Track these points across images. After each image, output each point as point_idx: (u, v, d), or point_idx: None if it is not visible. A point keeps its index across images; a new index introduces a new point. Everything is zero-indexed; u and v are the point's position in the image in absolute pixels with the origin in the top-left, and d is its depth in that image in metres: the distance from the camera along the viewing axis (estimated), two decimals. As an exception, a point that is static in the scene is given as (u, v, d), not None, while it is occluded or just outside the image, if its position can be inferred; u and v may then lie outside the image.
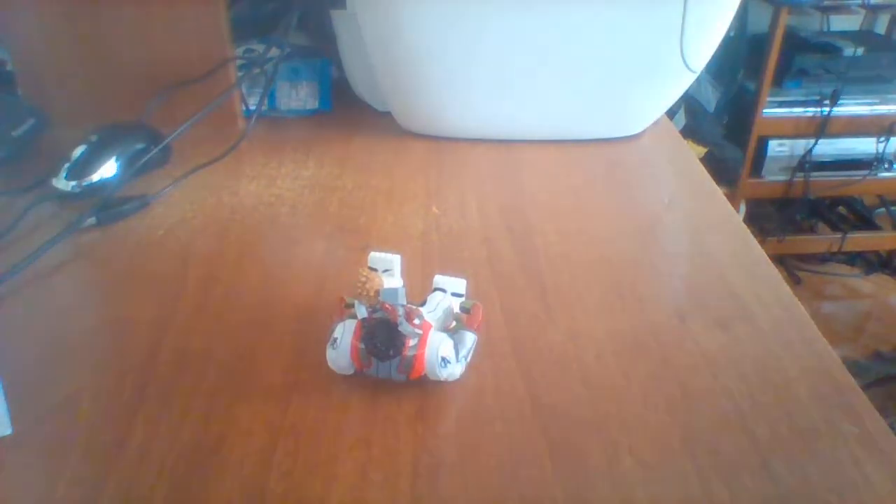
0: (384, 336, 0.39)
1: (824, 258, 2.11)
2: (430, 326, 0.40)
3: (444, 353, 0.40)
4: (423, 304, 0.44)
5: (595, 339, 0.45)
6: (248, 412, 0.40)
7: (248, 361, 0.43)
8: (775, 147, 1.88)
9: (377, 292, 0.41)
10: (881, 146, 1.88)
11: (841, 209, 2.16)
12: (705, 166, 0.72)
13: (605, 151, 0.75)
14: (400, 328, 0.39)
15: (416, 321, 0.40)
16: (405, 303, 0.40)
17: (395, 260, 0.46)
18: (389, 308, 0.39)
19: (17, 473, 0.36)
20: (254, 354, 0.44)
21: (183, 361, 0.43)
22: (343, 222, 0.60)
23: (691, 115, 1.90)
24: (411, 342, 0.39)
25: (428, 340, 0.40)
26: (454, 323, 0.44)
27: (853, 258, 2.13)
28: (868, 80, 1.85)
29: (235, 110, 0.78)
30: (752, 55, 1.84)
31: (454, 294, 0.45)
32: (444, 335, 0.40)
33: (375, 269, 0.45)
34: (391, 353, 0.39)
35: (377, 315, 0.39)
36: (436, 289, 0.45)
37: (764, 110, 1.83)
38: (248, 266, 0.54)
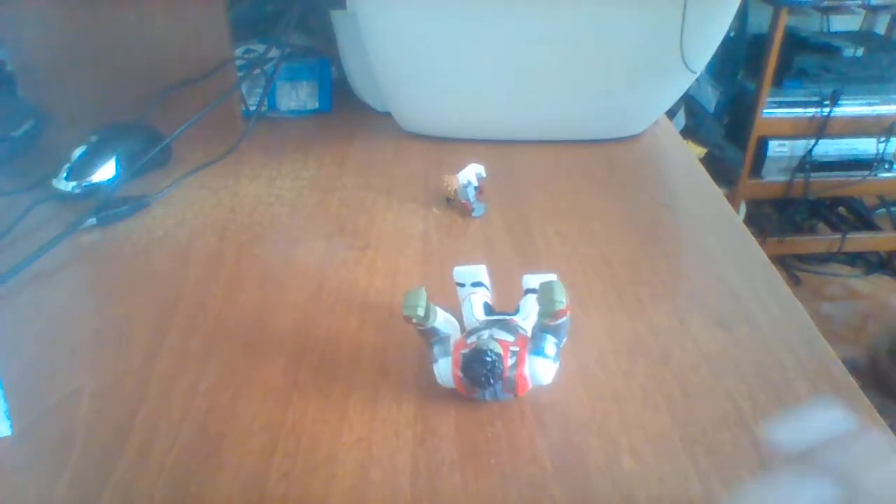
0: (481, 365, 0.38)
1: (824, 258, 2.11)
2: (526, 341, 0.39)
3: (542, 368, 0.39)
4: (516, 311, 0.43)
5: (595, 339, 0.45)
6: (248, 412, 0.40)
7: (248, 361, 0.43)
8: (775, 147, 1.88)
9: (455, 191, 0.60)
10: (881, 146, 1.88)
11: (841, 209, 2.16)
12: (705, 166, 0.72)
13: (605, 152, 0.75)
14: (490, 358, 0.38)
15: (511, 338, 0.39)
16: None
17: (480, 271, 0.45)
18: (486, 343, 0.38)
19: (17, 473, 0.36)
20: (254, 354, 0.44)
21: (183, 361, 0.43)
22: (343, 222, 0.60)
23: (691, 116, 1.90)
24: (509, 362, 0.38)
25: (527, 358, 0.38)
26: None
27: (853, 258, 2.13)
28: (868, 80, 1.85)
29: (235, 110, 0.78)
30: (752, 55, 1.84)
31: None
32: (540, 342, 0.39)
33: (463, 284, 0.45)
34: (491, 381, 0.38)
35: (471, 341, 0.39)
36: (527, 291, 0.44)
37: (764, 110, 1.82)
38: (248, 266, 0.54)
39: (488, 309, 0.44)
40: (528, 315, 0.42)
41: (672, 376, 0.42)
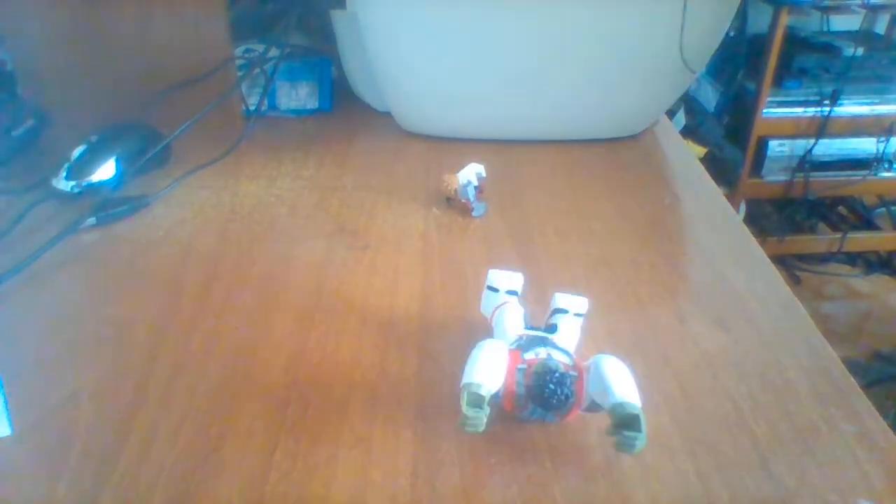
0: (559, 388, 0.36)
1: (824, 258, 2.11)
2: (582, 368, 0.37)
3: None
4: (551, 329, 0.41)
5: (595, 339, 0.45)
6: (248, 412, 0.40)
7: (248, 361, 0.43)
8: (775, 147, 1.88)
9: (456, 190, 0.60)
10: (881, 146, 1.88)
11: (841, 209, 2.16)
12: (705, 166, 0.72)
13: (605, 151, 0.75)
14: (564, 378, 0.36)
15: (569, 361, 0.37)
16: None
17: (517, 279, 0.43)
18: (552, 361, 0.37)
19: (17, 473, 0.36)
20: (254, 354, 0.44)
21: (183, 361, 0.43)
22: (343, 222, 0.60)
23: (691, 115, 1.90)
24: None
25: (584, 384, 0.37)
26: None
27: (853, 258, 2.13)
28: (868, 80, 1.85)
29: (235, 110, 0.78)
30: (752, 55, 1.84)
31: (576, 315, 0.42)
32: (595, 370, 0.37)
33: (496, 290, 0.43)
34: (562, 403, 0.36)
35: (528, 357, 0.37)
36: (556, 311, 0.42)
37: (764, 110, 1.82)
38: (247, 266, 0.54)
39: (527, 322, 0.42)
40: (565, 336, 0.40)
41: (672, 376, 0.42)
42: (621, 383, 0.36)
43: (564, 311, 0.41)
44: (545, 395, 0.36)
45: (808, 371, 0.43)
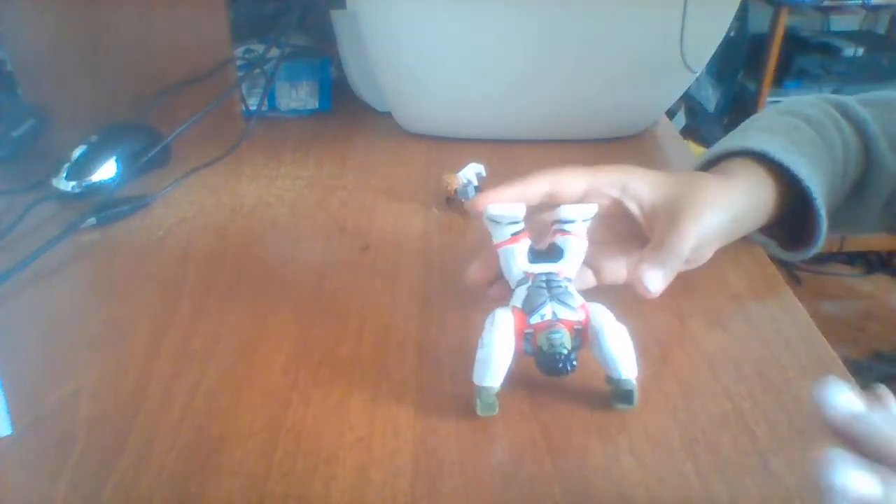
0: (559, 367, 0.37)
1: (824, 258, 2.11)
2: (587, 310, 0.39)
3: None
4: (560, 255, 0.41)
5: (595, 339, 0.45)
6: (249, 412, 0.40)
7: (248, 361, 0.43)
8: (775, 147, 1.88)
9: (456, 190, 0.59)
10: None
11: (841, 209, 2.16)
12: (705, 166, 0.72)
13: (605, 151, 0.75)
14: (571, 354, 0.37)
15: (573, 314, 0.39)
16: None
17: (518, 210, 0.41)
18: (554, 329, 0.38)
19: (17, 473, 0.36)
20: (254, 354, 0.44)
21: (183, 362, 0.43)
22: (343, 222, 0.60)
23: (691, 115, 1.90)
24: (575, 343, 0.38)
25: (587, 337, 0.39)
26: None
27: (853, 258, 2.13)
28: (868, 80, 1.85)
29: (235, 110, 0.78)
30: (752, 55, 1.84)
31: (584, 221, 0.42)
32: (595, 338, 0.39)
33: (498, 223, 0.42)
34: (568, 371, 0.37)
35: (534, 321, 0.38)
36: (562, 221, 0.41)
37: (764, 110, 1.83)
38: (248, 266, 0.54)
39: (532, 255, 0.41)
40: (572, 257, 0.41)
41: (672, 376, 0.42)
42: (620, 357, 0.38)
43: (571, 221, 0.41)
44: (552, 371, 0.37)
45: (808, 371, 0.43)
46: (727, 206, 0.47)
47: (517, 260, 0.41)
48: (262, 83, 0.79)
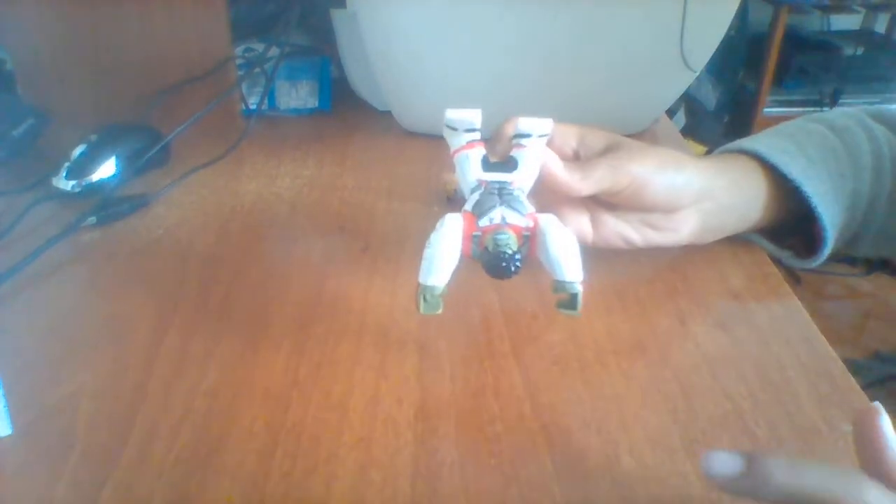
0: (505, 268, 0.38)
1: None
2: (536, 219, 0.39)
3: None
4: (514, 165, 0.41)
5: (595, 339, 0.45)
6: (249, 412, 0.40)
7: (249, 361, 0.43)
8: (775, 146, 1.88)
9: (455, 190, 0.57)
10: (881, 146, 1.88)
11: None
12: (705, 166, 0.72)
13: (605, 151, 0.75)
14: (516, 257, 0.38)
15: (522, 220, 0.39)
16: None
17: (475, 115, 0.43)
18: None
19: (17, 473, 0.36)
20: (254, 354, 0.44)
21: (183, 361, 0.43)
22: (343, 222, 0.60)
23: (691, 115, 1.90)
24: (524, 250, 0.39)
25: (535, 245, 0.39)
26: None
27: (853, 258, 2.13)
28: (868, 79, 1.85)
29: (235, 110, 0.78)
30: (752, 55, 1.84)
31: (540, 136, 0.42)
32: (541, 242, 0.39)
33: (455, 129, 0.43)
34: (513, 272, 0.38)
35: (483, 224, 0.39)
36: (519, 135, 0.42)
37: (764, 109, 1.83)
38: (248, 266, 0.54)
39: (486, 164, 0.42)
40: (526, 168, 0.41)
41: (672, 376, 0.42)
42: (564, 260, 0.39)
43: (528, 135, 0.42)
44: (497, 272, 0.38)
45: (808, 371, 0.43)
46: (695, 173, 0.47)
47: (472, 166, 0.42)
48: (262, 82, 0.79)
